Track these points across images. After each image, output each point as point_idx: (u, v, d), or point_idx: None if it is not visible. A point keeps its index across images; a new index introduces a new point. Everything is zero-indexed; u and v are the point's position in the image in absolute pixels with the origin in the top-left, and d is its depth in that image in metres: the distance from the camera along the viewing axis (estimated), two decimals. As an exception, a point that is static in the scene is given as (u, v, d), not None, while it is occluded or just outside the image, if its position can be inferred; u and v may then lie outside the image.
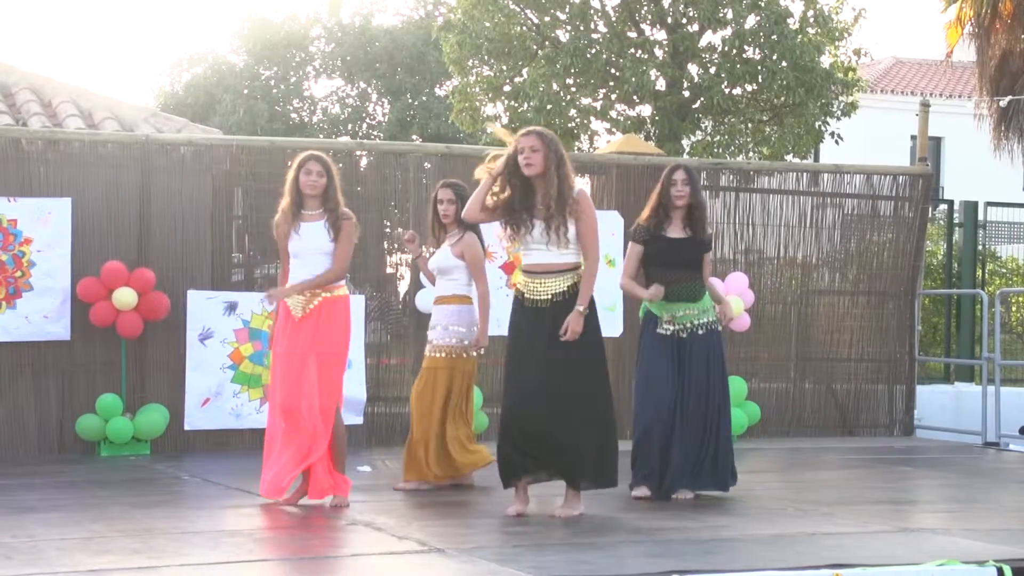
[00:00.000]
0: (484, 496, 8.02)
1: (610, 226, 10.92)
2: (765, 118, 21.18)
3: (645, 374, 7.94)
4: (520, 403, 7.08)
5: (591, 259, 7.14)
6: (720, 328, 8.13)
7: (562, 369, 7.05)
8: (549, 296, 7.08)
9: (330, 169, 7.52)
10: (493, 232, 8.77)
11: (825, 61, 20.71)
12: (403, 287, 11.61)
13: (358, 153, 11.62)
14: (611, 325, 10.70)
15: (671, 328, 7.93)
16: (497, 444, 7.22)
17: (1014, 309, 17.03)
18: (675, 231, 8.01)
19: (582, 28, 20.75)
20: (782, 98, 20.50)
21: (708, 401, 7.94)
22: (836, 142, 21.39)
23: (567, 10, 20.77)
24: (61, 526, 6.80)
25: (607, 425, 7.20)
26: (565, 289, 7.08)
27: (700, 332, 7.97)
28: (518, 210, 7.08)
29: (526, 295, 7.14)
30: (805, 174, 12.56)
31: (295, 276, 7.50)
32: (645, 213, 8.10)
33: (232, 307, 10.30)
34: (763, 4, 20.14)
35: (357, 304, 10.62)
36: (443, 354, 8.25)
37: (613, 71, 20.59)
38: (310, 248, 7.46)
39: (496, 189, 7.17)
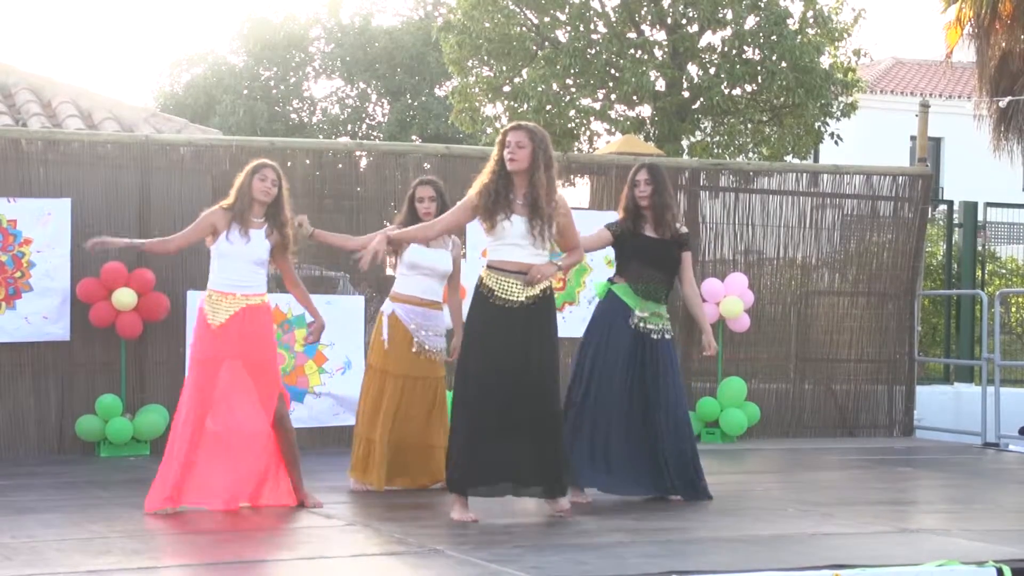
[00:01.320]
0: (484, 497, 8.01)
1: (610, 226, 10.91)
2: (765, 119, 21.16)
3: (602, 366, 7.74)
4: (499, 406, 6.87)
5: (579, 249, 7.29)
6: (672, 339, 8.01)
7: (536, 372, 6.96)
8: (524, 298, 6.96)
9: (282, 180, 7.50)
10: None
11: (825, 62, 20.69)
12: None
13: (358, 153, 11.62)
14: (572, 324, 10.66)
15: (638, 324, 7.83)
16: (460, 447, 6.97)
17: (1014, 310, 17.04)
18: (650, 231, 7.95)
19: (582, 28, 20.74)
20: (782, 99, 20.49)
21: (674, 410, 7.85)
22: (836, 143, 21.38)
23: (567, 10, 20.76)
24: (61, 527, 6.81)
25: (560, 429, 7.17)
26: (539, 292, 6.99)
27: (667, 337, 7.90)
28: (497, 202, 6.96)
29: (496, 292, 6.96)
30: (805, 175, 12.56)
31: (219, 280, 7.36)
32: (620, 215, 8.06)
33: (232, 307, 10.28)
34: (763, 5, 20.13)
35: (357, 305, 10.65)
36: (440, 360, 8.22)
37: (613, 71, 20.58)
38: (246, 255, 7.37)
39: (482, 177, 7.07)
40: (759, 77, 20.30)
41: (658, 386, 7.80)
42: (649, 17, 20.92)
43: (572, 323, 10.31)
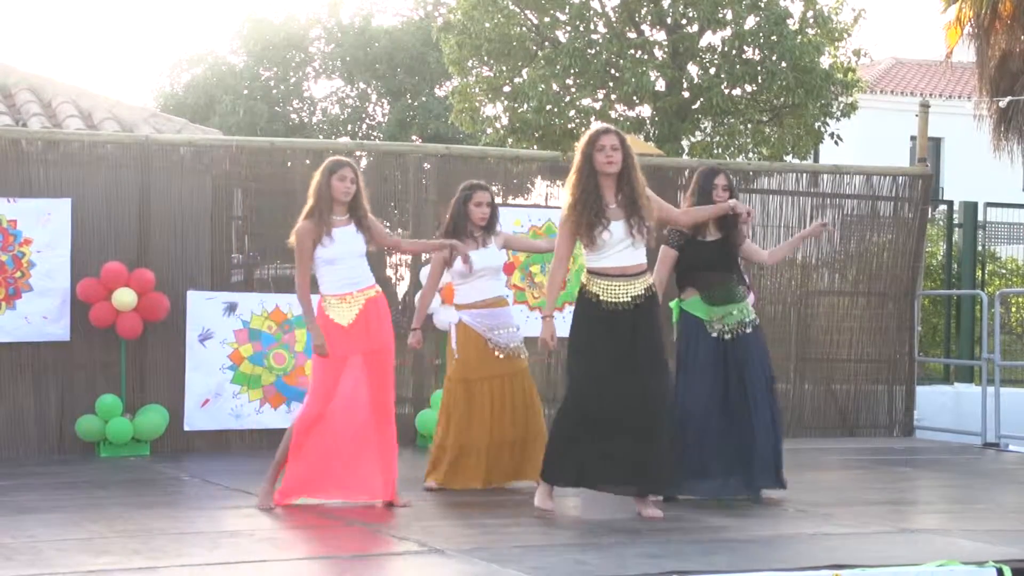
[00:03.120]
0: (484, 497, 8.02)
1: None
2: (765, 119, 21.17)
3: (691, 381, 7.77)
4: (609, 407, 6.96)
5: (682, 217, 7.44)
6: (759, 325, 8.04)
7: (645, 372, 7.03)
8: (630, 299, 7.04)
9: (359, 175, 7.54)
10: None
11: (825, 62, 20.69)
12: (402, 288, 11.62)
13: (358, 154, 11.62)
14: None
15: (719, 328, 7.84)
16: (563, 443, 7.07)
17: (1014, 310, 17.04)
18: (711, 234, 7.96)
19: (582, 29, 20.74)
20: (782, 99, 20.49)
21: (758, 400, 7.85)
22: (836, 143, 21.38)
23: (567, 11, 20.76)
24: (61, 527, 6.81)
25: (665, 429, 7.15)
26: (643, 291, 7.08)
27: (748, 331, 7.92)
28: (593, 212, 6.99)
29: (602, 297, 7.03)
30: (805, 175, 12.56)
31: (333, 284, 7.43)
32: None
33: (232, 308, 10.30)
34: (763, 5, 20.13)
35: (357, 305, 10.63)
36: (524, 355, 8.24)
37: (613, 72, 20.59)
38: (349, 253, 7.43)
39: (571, 190, 7.08)
40: (759, 77, 20.31)
41: (748, 381, 7.82)
42: (649, 17, 20.92)
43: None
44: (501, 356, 8.15)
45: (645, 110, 21.32)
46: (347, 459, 7.36)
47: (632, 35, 20.94)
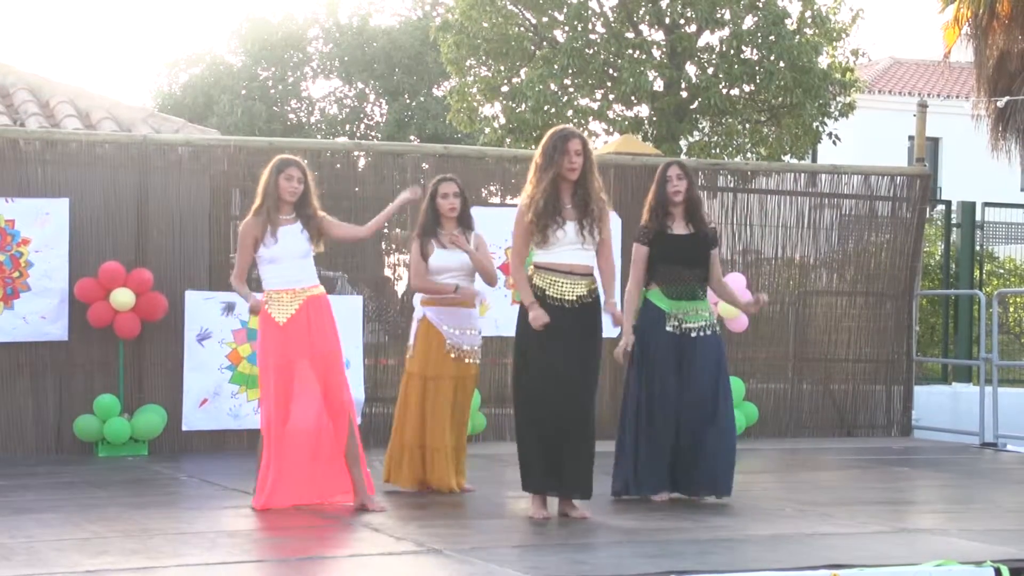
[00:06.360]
0: (482, 497, 8.03)
1: (608, 227, 10.89)
2: (763, 119, 21.16)
3: (651, 376, 7.79)
4: (559, 406, 6.98)
5: (612, 259, 7.29)
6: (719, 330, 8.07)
7: (585, 373, 7.07)
8: (575, 297, 7.07)
9: (307, 174, 7.53)
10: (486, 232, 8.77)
11: (823, 62, 20.69)
12: (401, 287, 11.62)
13: (356, 154, 11.62)
14: (606, 325, 10.65)
15: (676, 325, 7.84)
16: (527, 444, 7.08)
17: (1012, 310, 17.05)
18: (679, 228, 7.98)
19: (580, 28, 20.73)
20: (780, 99, 20.49)
21: (714, 403, 7.85)
22: (834, 143, 21.38)
23: (565, 11, 20.76)
24: (59, 527, 6.81)
25: (593, 431, 7.18)
26: (586, 292, 7.11)
27: (709, 332, 7.91)
28: (550, 210, 7.03)
29: (548, 292, 7.06)
30: (803, 175, 12.56)
31: (273, 281, 7.43)
32: (645, 216, 8.05)
33: (230, 307, 10.30)
34: (761, 5, 20.13)
35: (355, 305, 10.64)
36: (476, 360, 8.20)
37: (611, 72, 20.59)
38: (290, 253, 7.42)
39: (531, 188, 7.11)
40: (757, 77, 20.31)
41: (695, 383, 7.81)
42: (647, 17, 20.92)
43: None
44: (453, 356, 8.09)
45: (643, 110, 21.32)
46: (315, 463, 7.33)
47: (630, 35, 20.93)
